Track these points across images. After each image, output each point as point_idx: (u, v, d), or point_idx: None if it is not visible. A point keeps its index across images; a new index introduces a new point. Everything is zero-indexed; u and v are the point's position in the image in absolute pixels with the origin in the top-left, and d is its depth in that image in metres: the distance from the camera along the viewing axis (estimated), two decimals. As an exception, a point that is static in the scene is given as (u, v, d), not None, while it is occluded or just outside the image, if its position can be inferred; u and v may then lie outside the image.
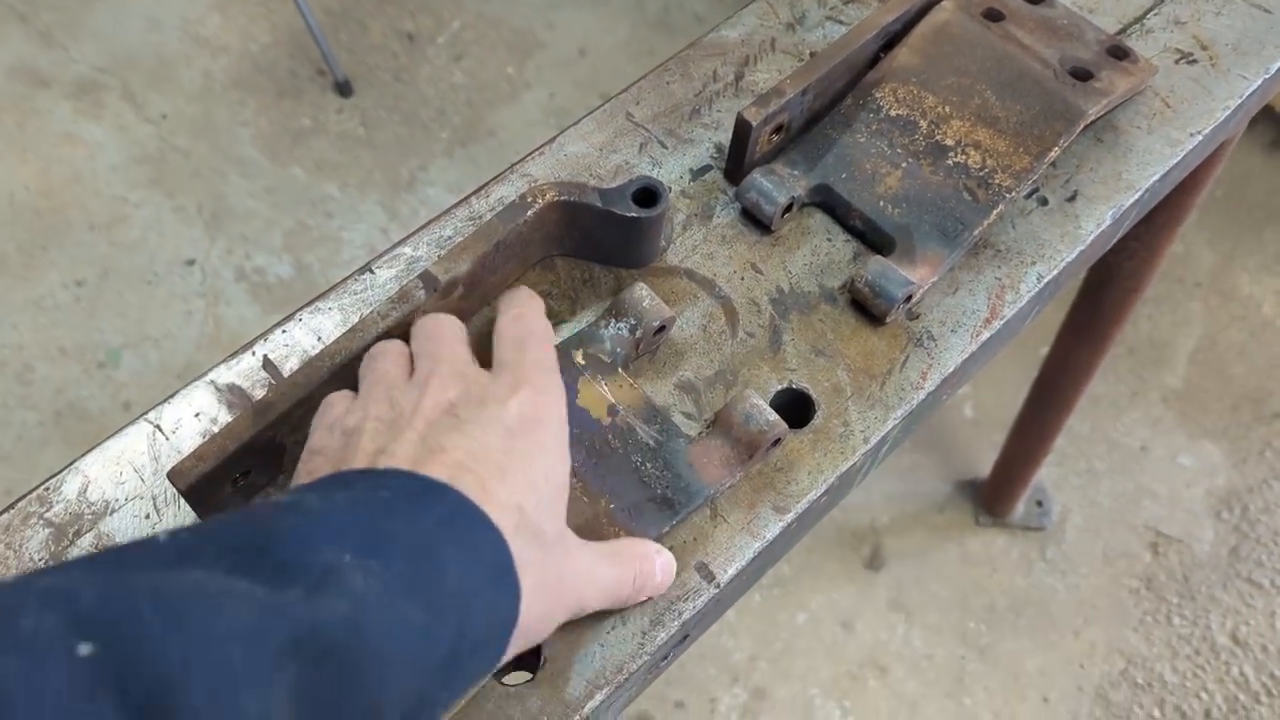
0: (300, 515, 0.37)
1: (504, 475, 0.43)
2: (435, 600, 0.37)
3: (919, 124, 0.64)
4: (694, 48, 0.71)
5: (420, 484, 0.41)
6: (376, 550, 0.37)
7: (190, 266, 1.88)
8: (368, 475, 0.41)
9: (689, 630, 0.55)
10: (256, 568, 0.34)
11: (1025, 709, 1.59)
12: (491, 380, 0.47)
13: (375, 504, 0.39)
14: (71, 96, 2.05)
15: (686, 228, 0.64)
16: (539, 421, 0.46)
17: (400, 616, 0.36)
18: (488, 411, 0.45)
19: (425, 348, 0.49)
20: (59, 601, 0.30)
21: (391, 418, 0.45)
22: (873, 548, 1.71)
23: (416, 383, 0.47)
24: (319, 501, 0.38)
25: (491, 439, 0.44)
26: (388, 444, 0.43)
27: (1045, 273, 0.63)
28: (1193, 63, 0.72)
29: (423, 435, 0.44)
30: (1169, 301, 1.94)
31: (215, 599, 0.32)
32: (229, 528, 0.36)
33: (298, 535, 0.36)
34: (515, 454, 0.44)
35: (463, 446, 0.43)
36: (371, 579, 0.36)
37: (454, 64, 2.15)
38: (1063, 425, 1.48)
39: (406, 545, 0.38)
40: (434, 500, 0.40)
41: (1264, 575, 1.70)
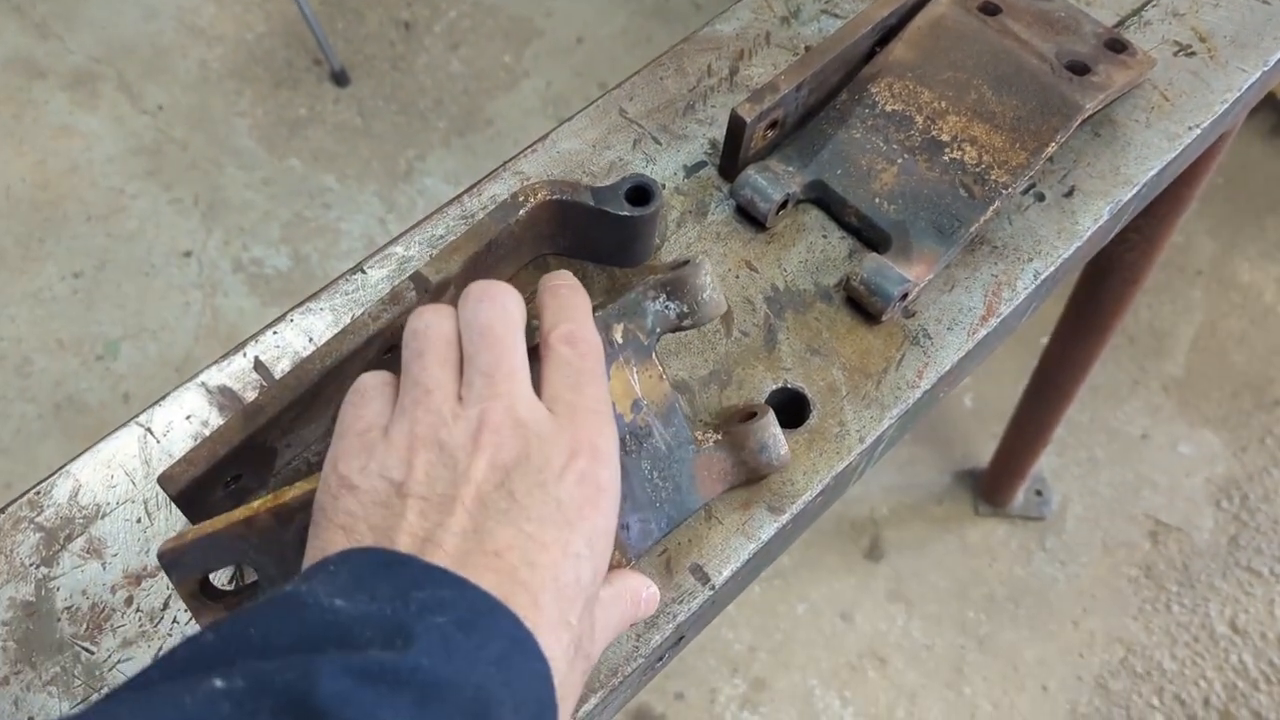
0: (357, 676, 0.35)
1: (557, 585, 0.40)
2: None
3: (915, 119, 0.64)
4: (688, 42, 0.70)
5: (481, 608, 0.38)
6: (430, 710, 0.35)
7: (187, 258, 1.88)
8: (428, 584, 0.38)
9: (684, 632, 0.55)
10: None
11: (1024, 699, 1.59)
12: (549, 440, 0.42)
13: (434, 645, 0.36)
14: (67, 88, 2.04)
15: (681, 225, 0.64)
16: (595, 501, 0.42)
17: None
18: (545, 491, 0.41)
19: (480, 357, 0.44)
20: None
21: (442, 485, 0.41)
22: (872, 539, 1.70)
23: (468, 429, 0.42)
24: (382, 650, 0.36)
25: (549, 533, 0.40)
26: (435, 528, 0.40)
27: (1042, 270, 0.63)
28: (1191, 55, 0.71)
29: (475, 522, 0.40)
30: (1169, 290, 1.93)
31: None
32: (284, 675, 0.34)
33: (354, 700, 0.34)
34: (571, 552, 0.41)
35: (518, 547, 0.40)
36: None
37: (451, 53, 2.14)
38: (1062, 416, 1.47)
39: (461, 700, 0.36)
40: (494, 632, 0.38)
41: (1263, 563, 1.70)
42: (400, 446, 0.42)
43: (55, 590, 0.51)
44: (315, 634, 0.36)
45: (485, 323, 0.45)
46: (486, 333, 0.45)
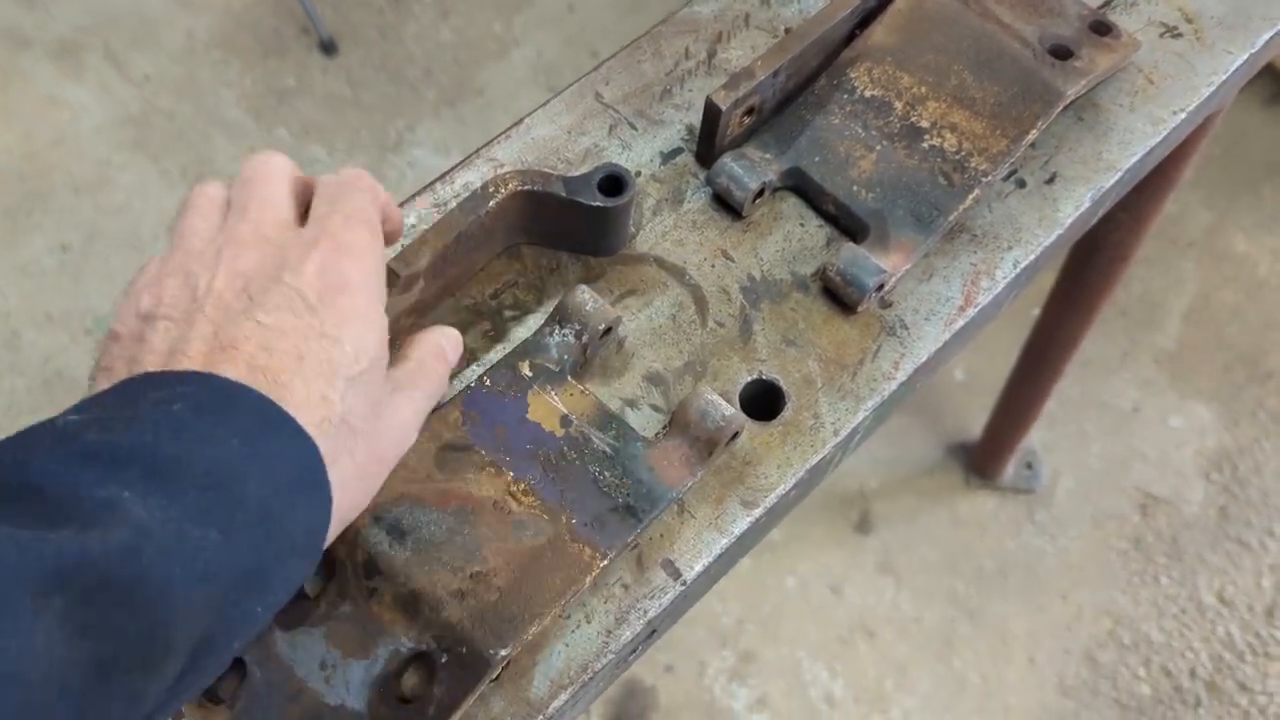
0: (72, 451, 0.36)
1: (301, 364, 0.41)
2: (232, 523, 0.37)
3: (894, 105, 0.63)
4: (666, 24, 0.69)
5: (216, 393, 0.39)
6: (159, 483, 0.36)
7: (176, 231, 1.86)
8: (163, 384, 0.39)
9: (656, 626, 0.54)
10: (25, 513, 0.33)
11: (1012, 670, 1.60)
12: (291, 242, 0.44)
13: (163, 426, 0.37)
14: (53, 58, 2.01)
15: (656, 213, 0.63)
16: (341, 287, 0.43)
17: (190, 542, 0.35)
18: (282, 286, 0.42)
19: (238, 195, 0.47)
20: None
21: (184, 302, 0.43)
22: (862, 512, 1.71)
23: (214, 248, 0.44)
24: (98, 431, 0.37)
25: (286, 319, 0.42)
26: (180, 340, 0.41)
27: (1022, 258, 0.62)
28: (1177, 37, 0.70)
29: (216, 326, 0.41)
30: (1162, 262, 1.92)
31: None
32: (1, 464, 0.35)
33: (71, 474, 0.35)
34: (314, 333, 0.42)
35: (255, 338, 0.41)
36: (155, 510, 0.35)
37: (441, 21, 2.12)
38: (1052, 390, 1.47)
39: (200, 470, 0.37)
40: (231, 410, 0.39)
41: (1252, 535, 1.71)
42: (153, 283, 0.44)
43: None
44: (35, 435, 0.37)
45: (247, 174, 0.48)
46: (246, 180, 0.47)
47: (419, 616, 0.47)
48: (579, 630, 0.51)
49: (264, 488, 0.38)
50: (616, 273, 0.61)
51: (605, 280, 0.61)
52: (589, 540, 0.50)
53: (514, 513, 0.50)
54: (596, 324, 0.55)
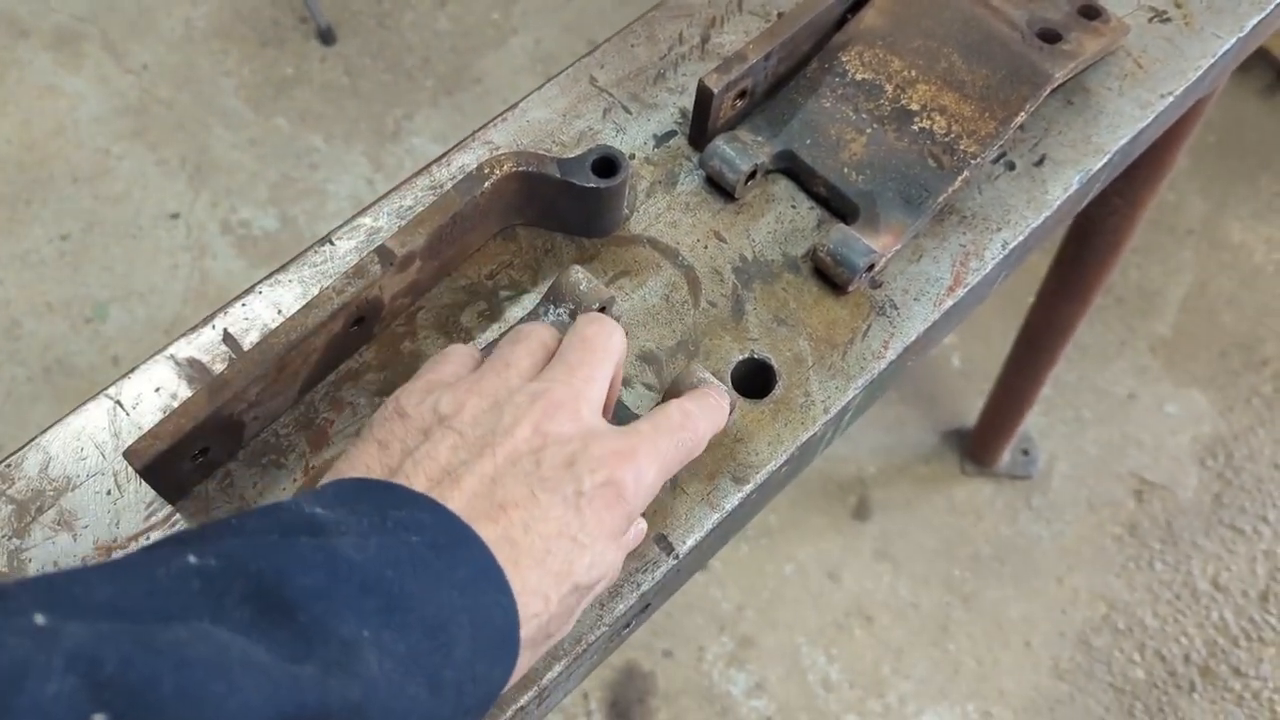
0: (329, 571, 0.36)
1: (545, 559, 0.41)
2: (439, 679, 0.37)
3: (885, 88, 0.64)
4: (660, 9, 0.70)
5: (457, 535, 0.40)
6: (394, 620, 0.37)
7: (175, 220, 1.87)
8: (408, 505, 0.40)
9: (649, 601, 0.55)
10: (277, 631, 0.34)
11: (1008, 654, 1.61)
12: (599, 437, 0.44)
13: (403, 559, 0.38)
14: (51, 47, 2.02)
15: (650, 195, 0.64)
16: (613, 503, 0.44)
17: (405, 700, 0.36)
18: (570, 472, 0.43)
19: (571, 354, 0.47)
20: (84, 664, 0.30)
21: (483, 429, 0.43)
22: (859, 498, 1.72)
23: (530, 394, 0.45)
24: (353, 548, 0.37)
25: (555, 508, 0.42)
26: (459, 467, 0.42)
27: (1010, 239, 0.63)
28: (1166, 21, 0.71)
29: (497, 473, 0.42)
30: (1159, 250, 1.93)
31: (232, 674, 0.32)
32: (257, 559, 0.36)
33: (323, 599, 0.36)
34: (569, 535, 0.42)
35: (521, 511, 0.41)
36: (385, 659, 0.36)
37: (439, 9, 2.12)
38: (1047, 376, 1.48)
39: (425, 615, 0.37)
40: (465, 558, 0.39)
41: (1246, 521, 1.72)
42: (460, 391, 0.45)
43: (27, 562, 0.52)
44: (289, 526, 0.38)
45: (590, 335, 0.48)
46: (586, 341, 0.48)
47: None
48: (573, 604, 0.52)
49: (469, 648, 0.38)
50: (610, 254, 0.62)
51: (599, 261, 0.61)
52: None
53: None
54: (590, 303, 0.56)
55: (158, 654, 0.31)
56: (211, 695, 0.31)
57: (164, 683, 0.31)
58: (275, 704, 0.33)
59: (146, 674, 0.31)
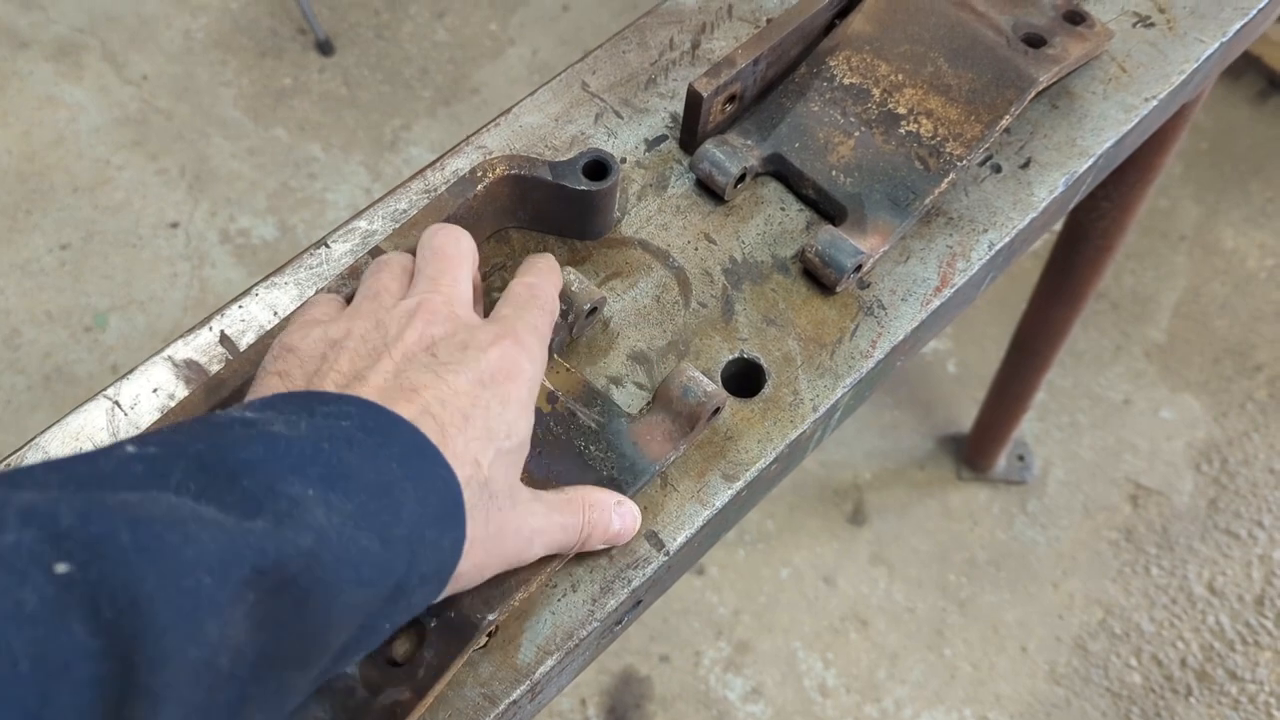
0: (266, 443, 0.38)
1: (466, 424, 0.44)
2: (389, 535, 0.39)
3: (872, 92, 0.65)
4: (650, 15, 0.71)
5: (384, 419, 0.42)
6: (338, 484, 0.38)
7: (174, 229, 1.88)
8: (333, 401, 0.42)
9: (641, 597, 0.56)
10: (224, 496, 0.36)
11: (1004, 659, 1.61)
12: (479, 327, 0.48)
13: (338, 436, 0.40)
14: (51, 58, 2.03)
15: (641, 198, 0.65)
16: (512, 376, 0.47)
17: (357, 549, 0.37)
18: (466, 356, 0.46)
19: (429, 267, 0.50)
20: (40, 519, 0.31)
21: (374, 342, 0.46)
22: (855, 503, 1.72)
23: (407, 308, 0.47)
24: (285, 428, 0.39)
25: (462, 384, 0.45)
26: (363, 369, 0.45)
27: (997, 240, 0.64)
28: (1150, 26, 0.72)
29: (398, 368, 0.45)
30: (1153, 256, 1.94)
31: (187, 527, 0.33)
32: (195, 442, 0.37)
33: (265, 465, 0.37)
34: (481, 403, 0.45)
35: (432, 389, 0.44)
36: (333, 513, 0.37)
37: (436, 21, 2.14)
38: (1041, 382, 1.49)
39: (366, 480, 0.39)
40: (395, 436, 0.41)
41: (1241, 526, 1.72)
42: (342, 320, 0.48)
43: (27, 559, 0.53)
44: (221, 420, 0.40)
45: (439, 244, 0.51)
46: (438, 250, 0.51)
47: (409, 583, 0.49)
48: (565, 599, 0.53)
49: (416, 510, 0.40)
50: (602, 256, 0.63)
51: (591, 263, 0.62)
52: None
53: None
54: (582, 304, 0.57)
55: (110, 510, 0.32)
56: (169, 545, 0.32)
57: (120, 534, 0.31)
58: (233, 551, 0.33)
59: (103, 527, 0.31)
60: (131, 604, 0.31)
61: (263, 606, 0.34)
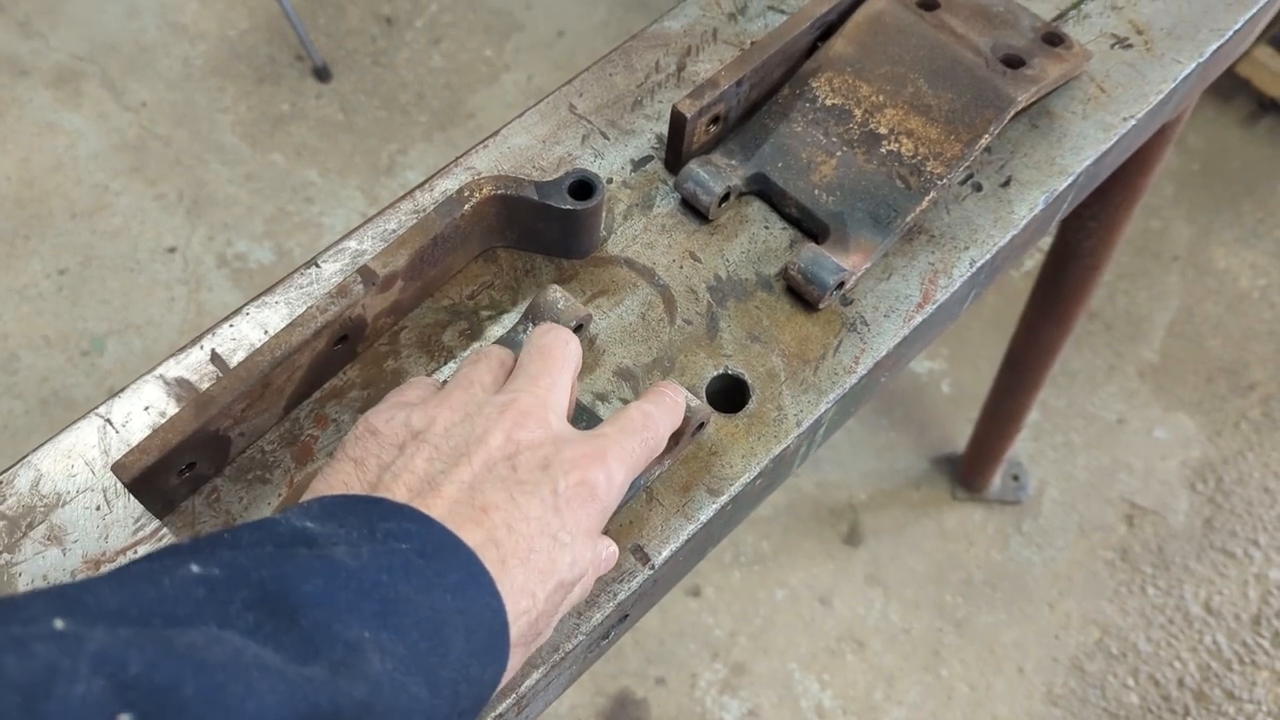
0: (328, 577, 0.38)
1: (529, 556, 0.43)
2: (437, 678, 0.39)
3: (854, 113, 0.66)
4: (637, 39, 0.72)
5: (445, 542, 0.41)
6: (391, 622, 0.38)
7: (172, 254, 1.89)
8: (395, 517, 0.42)
9: (627, 611, 0.57)
10: (283, 636, 0.36)
11: (1001, 680, 1.61)
12: (568, 442, 0.46)
13: (396, 565, 0.39)
14: (51, 85, 2.05)
15: (627, 217, 0.66)
16: (586, 504, 0.45)
17: (407, 697, 0.38)
18: (545, 476, 0.44)
19: (531, 365, 0.49)
20: (110, 667, 0.31)
21: (456, 439, 0.45)
22: (851, 524, 1.73)
23: (498, 405, 0.46)
24: (347, 554, 0.39)
25: (535, 509, 0.43)
26: (438, 475, 0.44)
27: (978, 257, 0.65)
28: (1128, 47, 0.73)
29: (475, 480, 0.43)
30: (1145, 276, 1.95)
31: (249, 675, 0.33)
32: (258, 568, 0.37)
33: (325, 603, 0.37)
34: (549, 532, 0.44)
35: (503, 511, 0.43)
36: (386, 658, 0.37)
37: (432, 47, 2.16)
38: (1033, 401, 1.49)
39: (420, 616, 0.39)
40: (453, 564, 0.41)
41: (1237, 545, 1.72)
42: (430, 408, 0.46)
43: (17, 576, 0.53)
44: (284, 538, 0.39)
45: (547, 344, 0.50)
46: (544, 350, 0.50)
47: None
48: (550, 613, 0.53)
49: (464, 648, 0.40)
50: (589, 274, 0.63)
51: (578, 281, 0.63)
52: None
53: None
54: (568, 321, 0.58)
55: (178, 657, 0.32)
56: (231, 696, 0.32)
57: (186, 685, 0.32)
58: (290, 704, 0.34)
59: (169, 676, 0.32)
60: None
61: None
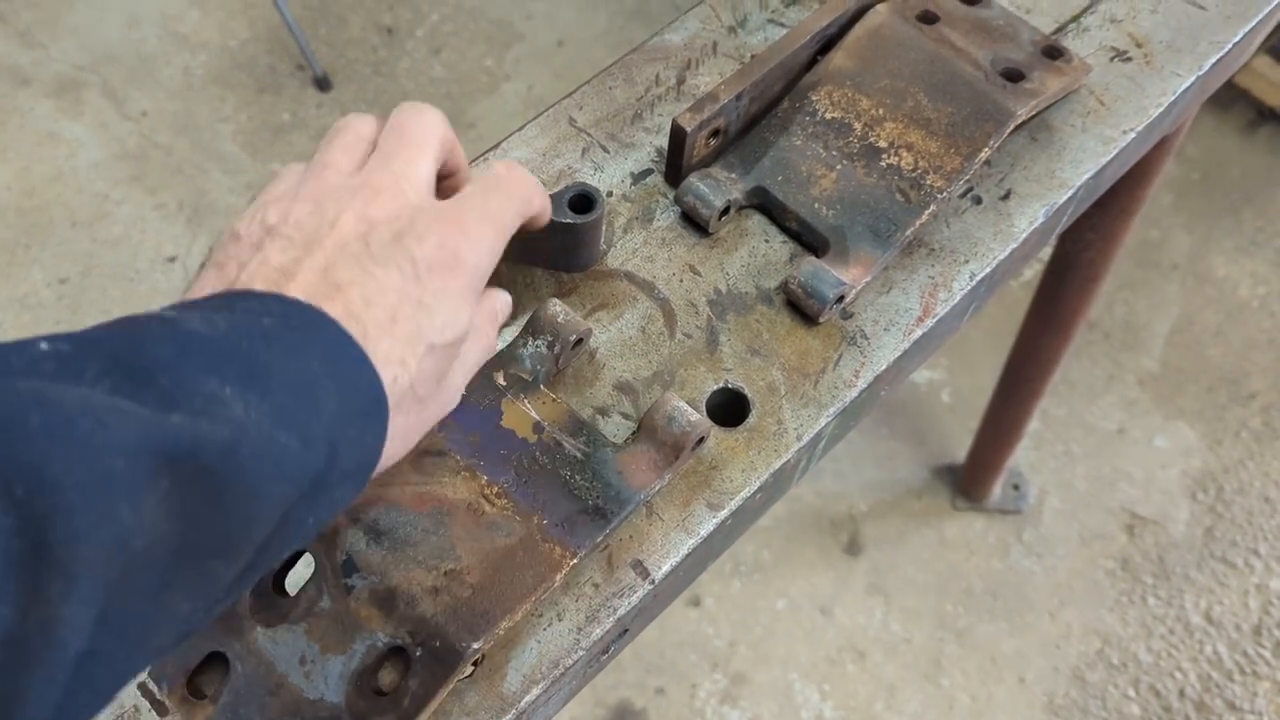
0: (183, 341, 0.37)
1: (392, 324, 0.43)
2: (310, 433, 0.39)
3: (853, 126, 0.66)
4: (637, 52, 0.72)
5: (306, 316, 0.41)
6: (256, 382, 0.38)
7: (172, 263, 1.89)
8: (255, 298, 0.41)
9: (627, 625, 0.56)
10: (140, 392, 0.35)
11: (1002, 690, 1.61)
12: (423, 210, 0.46)
13: (257, 333, 0.39)
14: (52, 95, 2.06)
15: (627, 231, 0.66)
16: (451, 267, 0.45)
17: (276, 446, 0.37)
18: (401, 246, 0.44)
19: (386, 143, 0.48)
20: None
21: (309, 228, 0.44)
22: (851, 534, 1.73)
23: (350, 187, 0.46)
24: (202, 326, 0.38)
25: (393, 279, 0.43)
26: (292, 264, 0.43)
27: (978, 271, 0.65)
28: (1127, 60, 0.73)
29: (328, 261, 0.43)
30: (1145, 285, 1.95)
31: (99, 414, 0.33)
32: (110, 341, 0.37)
33: (182, 362, 0.37)
34: (411, 299, 0.44)
35: (358, 286, 0.43)
36: (251, 410, 0.37)
37: (433, 57, 2.16)
38: (1033, 411, 1.49)
39: (286, 379, 0.39)
40: (317, 335, 0.41)
41: (1238, 555, 1.72)
42: (284, 201, 0.46)
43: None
44: (137, 319, 0.39)
45: (403, 120, 0.49)
46: (401, 129, 0.48)
47: (395, 612, 0.49)
48: (551, 628, 0.53)
49: (336, 408, 0.40)
50: (589, 288, 0.63)
51: (578, 295, 0.63)
52: (560, 540, 0.52)
53: (487, 514, 0.52)
54: (568, 335, 0.58)
55: (19, 394, 0.32)
56: (79, 429, 0.32)
57: (31, 417, 0.31)
58: (146, 438, 0.33)
59: (12, 410, 0.31)
60: (40, 484, 0.31)
61: (179, 494, 0.34)
